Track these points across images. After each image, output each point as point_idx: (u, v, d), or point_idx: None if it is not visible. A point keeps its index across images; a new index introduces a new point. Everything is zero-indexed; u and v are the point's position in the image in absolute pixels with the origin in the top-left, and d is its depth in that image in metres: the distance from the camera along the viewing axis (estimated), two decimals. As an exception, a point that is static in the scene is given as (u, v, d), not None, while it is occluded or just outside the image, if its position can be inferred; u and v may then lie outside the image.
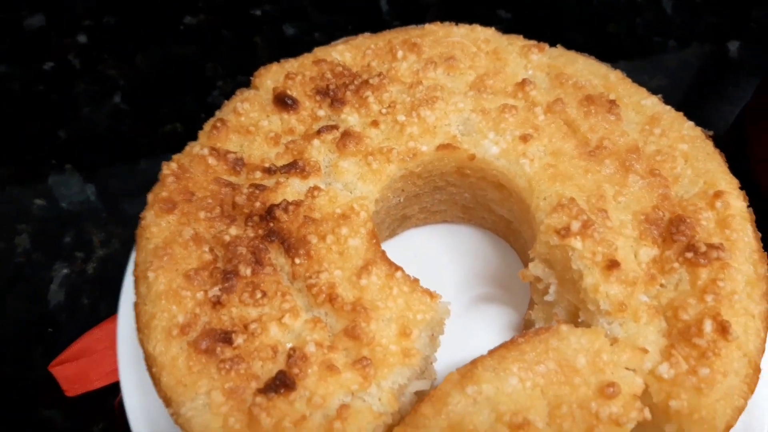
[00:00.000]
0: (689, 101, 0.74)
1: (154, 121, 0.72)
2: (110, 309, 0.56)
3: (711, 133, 0.51)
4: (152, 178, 0.47)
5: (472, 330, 0.54)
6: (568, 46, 0.55)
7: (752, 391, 0.41)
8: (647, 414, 0.39)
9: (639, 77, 0.54)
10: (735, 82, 0.76)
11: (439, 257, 0.59)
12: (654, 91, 0.52)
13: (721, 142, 0.53)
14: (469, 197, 0.56)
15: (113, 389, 0.53)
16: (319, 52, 0.55)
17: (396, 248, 0.59)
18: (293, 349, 0.39)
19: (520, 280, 0.50)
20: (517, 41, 0.56)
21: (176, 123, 0.72)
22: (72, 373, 0.52)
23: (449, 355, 0.49)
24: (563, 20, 0.81)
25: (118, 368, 0.50)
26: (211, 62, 0.78)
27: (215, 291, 0.41)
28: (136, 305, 0.42)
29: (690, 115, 0.51)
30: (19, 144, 0.70)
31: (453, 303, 0.53)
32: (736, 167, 0.52)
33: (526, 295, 0.55)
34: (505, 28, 0.78)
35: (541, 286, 0.48)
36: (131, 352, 0.50)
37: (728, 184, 0.47)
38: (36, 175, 0.67)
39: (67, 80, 0.76)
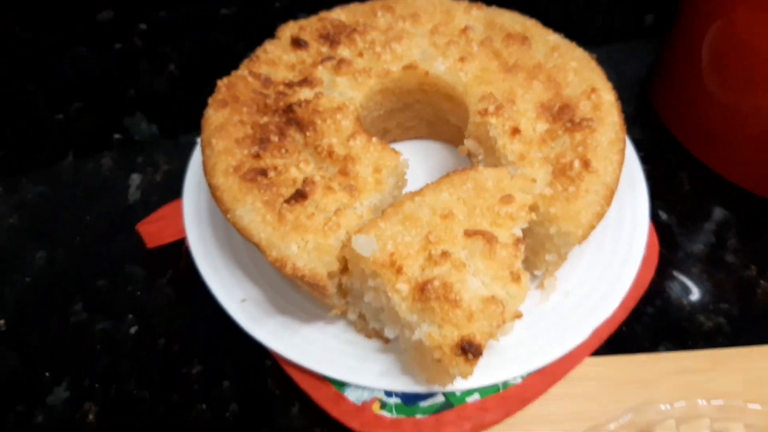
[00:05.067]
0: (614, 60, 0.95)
1: (201, 88, 0.94)
2: (173, 199, 0.78)
3: (595, 56, 0.72)
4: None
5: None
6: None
7: (608, 204, 0.62)
8: (533, 216, 0.60)
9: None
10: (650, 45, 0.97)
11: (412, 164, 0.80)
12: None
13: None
14: (430, 112, 0.77)
15: (178, 245, 0.74)
16: (323, 14, 0.78)
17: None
18: (306, 178, 0.61)
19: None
20: (463, 2, 0.78)
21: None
22: (151, 230, 0.74)
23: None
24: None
25: (184, 228, 0.72)
26: (242, 43, 1.01)
27: (255, 149, 0.63)
28: (204, 161, 0.64)
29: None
30: (102, 96, 0.93)
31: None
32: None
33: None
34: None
35: (475, 160, 0.70)
36: (193, 218, 0.73)
37: (603, 85, 0.69)
38: (115, 117, 0.90)
39: (133, 55, 1.00)
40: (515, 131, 0.64)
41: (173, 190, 0.79)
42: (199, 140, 0.69)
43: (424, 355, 0.56)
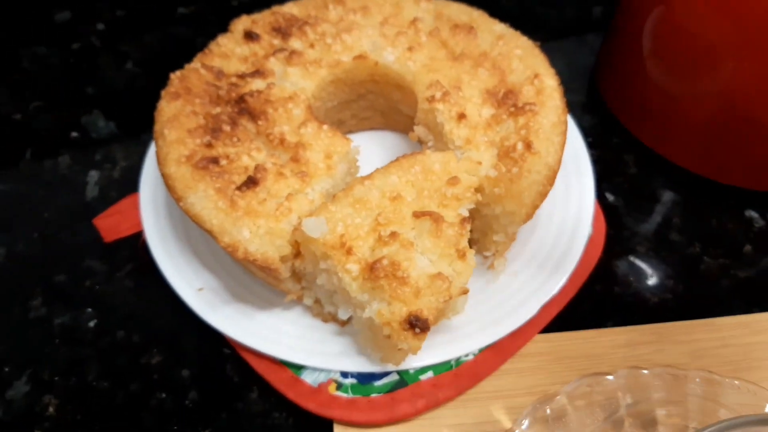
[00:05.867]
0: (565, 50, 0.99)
1: (158, 86, 0.95)
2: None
3: (539, 43, 0.75)
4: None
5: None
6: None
7: (551, 185, 0.64)
8: (479, 197, 0.62)
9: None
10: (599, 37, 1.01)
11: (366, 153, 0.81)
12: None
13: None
14: (383, 102, 0.79)
15: (136, 237, 0.75)
16: (275, 8, 0.80)
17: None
18: (257, 165, 0.62)
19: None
20: (412, -5, 0.80)
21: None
22: (108, 224, 0.75)
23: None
24: None
25: (141, 221, 0.73)
26: (201, 38, 1.02)
27: (207, 138, 0.64)
28: (157, 151, 0.65)
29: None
30: (59, 95, 0.94)
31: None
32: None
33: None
34: None
35: (425, 146, 0.72)
36: (150, 210, 0.73)
37: (546, 71, 0.71)
38: (73, 115, 0.91)
39: (91, 54, 1.00)
40: (461, 116, 0.66)
41: (131, 187, 0.80)
42: (155, 135, 0.70)
43: (375, 333, 0.58)
